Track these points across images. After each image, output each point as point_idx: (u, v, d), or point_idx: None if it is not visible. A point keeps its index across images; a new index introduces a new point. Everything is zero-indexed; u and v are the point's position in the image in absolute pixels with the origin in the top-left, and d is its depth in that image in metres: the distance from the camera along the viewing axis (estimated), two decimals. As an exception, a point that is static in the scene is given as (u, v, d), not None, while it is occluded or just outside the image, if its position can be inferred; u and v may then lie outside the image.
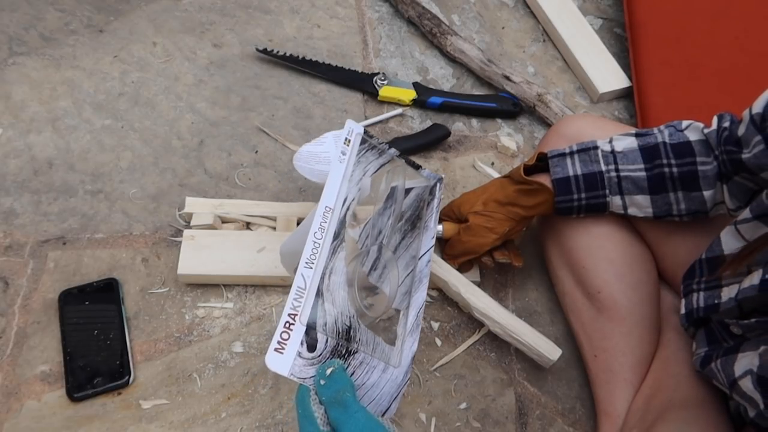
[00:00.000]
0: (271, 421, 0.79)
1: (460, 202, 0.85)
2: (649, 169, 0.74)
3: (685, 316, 0.72)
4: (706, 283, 0.69)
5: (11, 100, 1.00)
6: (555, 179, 0.77)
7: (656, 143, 0.73)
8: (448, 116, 1.12)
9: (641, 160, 0.74)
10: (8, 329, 0.81)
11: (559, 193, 0.77)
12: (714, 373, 0.66)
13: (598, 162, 0.75)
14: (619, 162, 0.75)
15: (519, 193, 0.79)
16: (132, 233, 0.91)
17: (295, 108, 1.08)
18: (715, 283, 0.67)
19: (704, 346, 0.70)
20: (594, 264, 0.80)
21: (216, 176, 0.98)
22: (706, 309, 0.68)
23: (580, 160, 0.76)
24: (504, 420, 0.83)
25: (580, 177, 0.76)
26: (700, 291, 0.70)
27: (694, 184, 0.72)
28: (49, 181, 0.94)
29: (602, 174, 0.75)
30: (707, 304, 0.68)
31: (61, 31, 1.09)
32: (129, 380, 0.79)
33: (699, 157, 0.71)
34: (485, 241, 0.81)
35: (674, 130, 0.74)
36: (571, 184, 0.76)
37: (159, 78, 1.07)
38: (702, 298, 0.69)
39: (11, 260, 0.86)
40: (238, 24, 1.16)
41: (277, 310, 0.88)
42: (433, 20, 1.18)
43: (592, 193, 0.76)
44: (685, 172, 0.71)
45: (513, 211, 0.80)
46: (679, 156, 0.72)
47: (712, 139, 0.71)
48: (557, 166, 0.77)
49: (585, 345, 0.82)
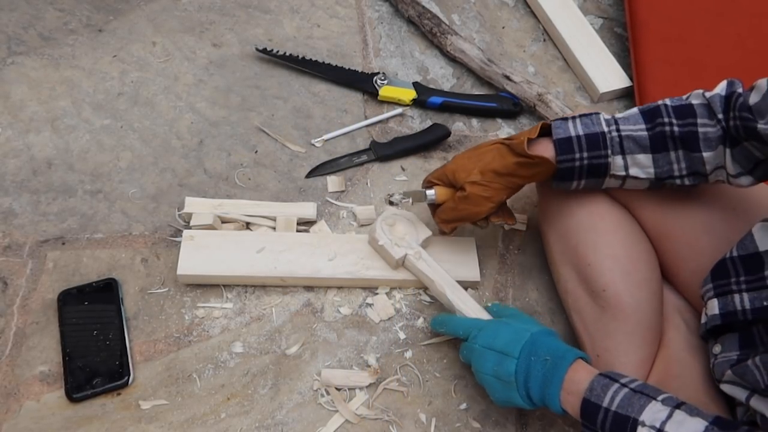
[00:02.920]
0: (270, 421, 0.79)
1: (454, 168, 0.81)
2: (650, 129, 0.73)
3: (721, 316, 0.68)
4: (748, 283, 0.66)
5: (10, 100, 1.00)
6: (557, 139, 0.76)
7: (657, 105, 0.74)
8: (448, 116, 1.12)
9: (642, 120, 0.74)
10: (7, 329, 0.81)
11: (560, 152, 0.76)
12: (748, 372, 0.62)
13: (600, 124, 0.75)
14: (621, 123, 0.75)
15: (518, 166, 0.77)
16: (131, 233, 0.91)
17: (295, 108, 1.08)
18: (760, 283, 0.64)
19: (735, 350, 0.68)
20: (599, 261, 0.79)
21: (216, 176, 0.98)
22: (755, 311, 0.64)
23: (581, 123, 0.76)
24: (504, 421, 0.83)
25: (582, 137, 0.75)
26: (742, 292, 0.66)
27: (694, 144, 0.71)
28: (48, 181, 0.93)
29: (604, 134, 0.74)
30: (755, 306, 0.64)
31: (60, 30, 1.09)
32: (128, 381, 0.79)
33: (700, 119, 0.70)
34: (482, 209, 0.80)
35: (676, 99, 0.74)
36: (573, 144, 0.75)
37: (158, 78, 1.07)
38: (747, 299, 0.66)
39: (10, 260, 0.86)
40: (238, 24, 1.16)
41: (276, 311, 0.87)
42: (433, 20, 1.18)
43: (593, 152, 0.75)
44: (686, 132, 0.71)
45: (511, 181, 0.79)
46: (680, 116, 0.71)
47: (715, 102, 0.70)
48: (559, 128, 0.76)
49: (587, 344, 0.82)
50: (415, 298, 0.90)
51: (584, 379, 0.66)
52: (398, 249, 0.86)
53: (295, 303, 0.88)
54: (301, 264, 0.87)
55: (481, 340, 0.74)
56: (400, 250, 0.86)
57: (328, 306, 0.89)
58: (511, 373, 0.69)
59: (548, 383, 0.67)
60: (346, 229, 0.95)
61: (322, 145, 1.04)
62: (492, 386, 0.72)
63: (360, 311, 0.89)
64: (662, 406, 0.60)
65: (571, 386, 0.66)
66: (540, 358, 0.69)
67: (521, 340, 0.71)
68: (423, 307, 0.90)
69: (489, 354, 0.72)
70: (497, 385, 0.71)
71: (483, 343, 0.73)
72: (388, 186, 1.01)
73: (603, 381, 0.64)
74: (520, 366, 0.69)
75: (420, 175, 1.03)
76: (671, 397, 0.62)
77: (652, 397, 0.61)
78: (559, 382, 0.66)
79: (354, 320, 0.88)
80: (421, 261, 0.86)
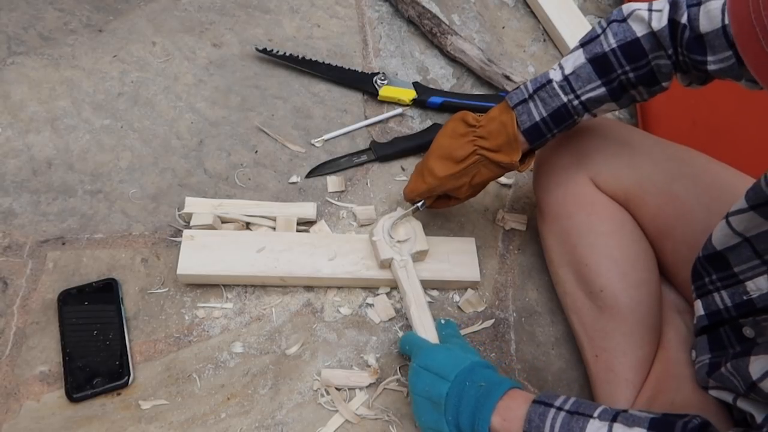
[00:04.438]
0: (270, 421, 0.79)
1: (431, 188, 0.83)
2: (607, 83, 0.71)
3: (707, 317, 0.68)
4: (722, 280, 0.66)
5: (10, 100, 1.00)
6: (524, 130, 0.75)
7: (604, 52, 0.70)
8: (448, 116, 1.11)
9: (596, 75, 0.71)
10: (7, 330, 0.81)
11: (533, 140, 0.76)
12: (725, 379, 0.63)
13: (558, 95, 0.73)
14: (575, 86, 0.72)
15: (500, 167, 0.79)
16: (131, 233, 0.91)
17: (295, 108, 1.08)
18: (733, 279, 0.64)
19: (706, 353, 0.69)
20: (597, 262, 0.79)
21: (216, 176, 0.98)
22: (737, 307, 0.64)
23: (540, 99, 0.74)
24: (504, 420, 0.83)
25: (546, 119, 0.74)
26: (719, 290, 0.66)
27: (652, 80, 0.70)
28: (48, 181, 0.93)
29: (565, 106, 0.73)
30: (736, 302, 0.64)
31: (60, 30, 1.09)
32: (128, 381, 0.79)
33: (651, 54, 0.68)
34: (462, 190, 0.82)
35: (617, 26, 0.69)
36: (541, 128, 0.75)
37: (158, 78, 1.06)
38: (726, 296, 0.65)
39: (10, 260, 0.86)
40: (238, 23, 1.16)
41: (276, 311, 0.87)
42: (433, 20, 1.18)
43: (563, 124, 0.75)
44: (642, 74, 0.70)
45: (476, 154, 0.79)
46: (631, 60, 0.69)
47: (664, 36, 0.66)
48: (523, 114, 0.75)
49: (586, 345, 0.82)
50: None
51: (520, 406, 0.64)
52: (388, 250, 0.86)
53: (295, 303, 0.88)
54: (301, 264, 0.87)
55: (419, 360, 0.72)
56: (389, 252, 0.86)
57: (328, 306, 0.89)
58: (442, 395, 0.67)
59: (481, 406, 0.64)
60: (346, 229, 0.95)
61: (322, 145, 1.04)
62: (421, 407, 0.70)
63: (360, 311, 0.89)
64: (600, 423, 0.59)
65: (506, 412, 0.64)
66: (475, 384, 0.67)
67: (459, 365, 0.69)
68: (423, 307, 0.90)
69: (424, 374, 0.70)
70: (426, 406, 0.69)
71: (421, 363, 0.71)
72: (388, 186, 1.01)
73: (539, 409, 0.62)
74: (452, 389, 0.67)
75: (420, 175, 1.03)
76: (606, 410, 0.61)
77: (588, 415, 0.60)
78: (492, 405, 0.64)
79: (354, 320, 0.88)
80: (402, 270, 0.85)
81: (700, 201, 0.77)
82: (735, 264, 0.64)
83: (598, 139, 0.83)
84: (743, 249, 0.62)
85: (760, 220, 0.60)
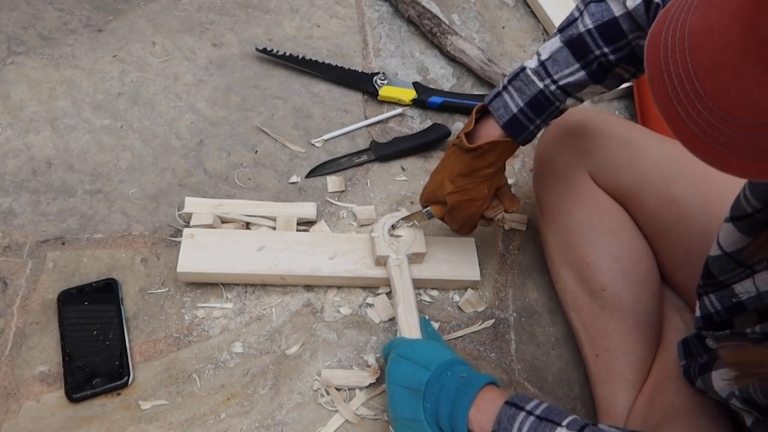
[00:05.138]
0: (270, 421, 0.79)
1: (433, 188, 0.81)
2: (585, 66, 0.68)
3: (701, 318, 0.68)
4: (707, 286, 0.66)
5: (10, 100, 1.00)
6: (503, 124, 0.72)
7: (580, 33, 0.67)
8: (448, 116, 1.12)
9: (573, 59, 0.68)
10: (7, 330, 0.81)
11: (514, 134, 0.73)
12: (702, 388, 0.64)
13: (533, 82, 0.70)
14: (552, 71, 0.69)
15: (475, 159, 0.75)
16: (131, 233, 0.91)
17: (295, 108, 1.08)
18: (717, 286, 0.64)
19: (683, 359, 0.69)
20: (599, 260, 0.79)
21: (215, 176, 0.98)
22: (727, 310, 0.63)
23: (515, 89, 0.71)
24: (504, 420, 0.83)
25: (524, 108, 0.71)
26: (709, 294, 0.66)
27: (635, 59, 0.67)
28: (48, 181, 0.93)
29: (542, 92, 0.69)
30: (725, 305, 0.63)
31: (60, 30, 1.09)
32: (128, 381, 0.78)
33: (631, 34, 0.65)
34: (473, 210, 0.78)
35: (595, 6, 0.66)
36: (521, 120, 0.72)
37: (158, 78, 1.06)
38: (715, 299, 0.65)
39: (10, 260, 0.86)
40: (238, 23, 1.16)
41: (276, 311, 0.87)
42: (433, 20, 1.18)
43: (544, 113, 0.72)
44: (623, 55, 0.66)
45: (480, 174, 0.76)
46: (609, 41, 0.65)
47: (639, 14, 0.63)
48: (499, 109, 0.72)
49: (586, 344, 0.82)
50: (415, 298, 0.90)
51: (495, 399, 0.64)
52: (385, 247, 0.86)
53: (295, 303, 0.88)
54: (302, 262, 0.87)
55: (400, 350, 0.72)
56: (386, 249, 0.86)
57: (328, 306, 0.89)
58: (422, 383, 0.67)
59: (462, 394, 0.64)
60: (346, 229, 0.95)
61: (322, 145, 1.04)
62: (398, 397, 0.69)
63: (360, 311, 0.89)
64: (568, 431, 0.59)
65: (482, 404, 0.64)
66: (456, 375, 0.67)
67: (441, 357, 0.69)
68: (423, 308, 0.90)
69: (404, 363, 0.70)
70: (404, 395, 0.68)
71: (401, 353, 0.71)
72: (388, 186, 1.01)
73: (509, 411, 0.62)
74: (433, 378, 0.67)
75: (420, 175, 1.03)
76: (575, 419, 0.61)
77: (557, 423, 0.60)
78: (473, 394, 0.64)
79: (354, 320, 0.88)
80: (396, 269, 0.85)
81: (698, 203, 0.77)
82: (718, 274, 0.63)
83: (598, 136, 0.82)
84: (724, 262, 0.61)
85: (737, 234, 0.59)
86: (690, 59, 0.40)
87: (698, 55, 0.40)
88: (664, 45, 0.42)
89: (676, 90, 0.41)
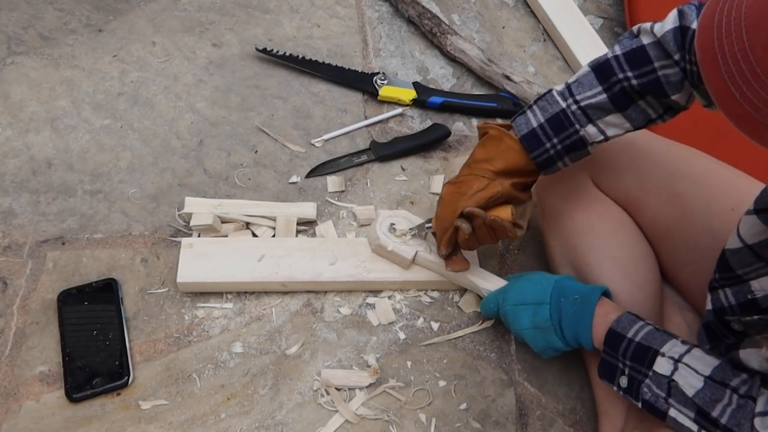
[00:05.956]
0: (270, 421, 0.79)
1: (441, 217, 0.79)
2: (607, 89, 0.69)
3: (713, 312, 0.68)
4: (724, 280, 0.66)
5: (10, 100, 1.00)
6: (521, 137, 0.73)
7: (607, 59, 0.69)
8: (448, 116, 1.12)
9: (597, 82, 0.69)
10: (7, 330, 0.81)
11: (530, 148, 0.74)
12: None
13: (556, 102, 0.71)
14: (576, 92, 0.70)
15: (478, 148, 0.76)
16: (131, 233, 0.91)
17: (295, 108, 1.08)
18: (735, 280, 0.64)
19: (705, 344, 0.69)
20: (598, 262, 0.79)
21: (215, 176, 0.98)
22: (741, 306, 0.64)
23: (539, 107, 0.73)
24: (504, 420, 0.83)
25: (544, 124, 0.72)
26: (724, 287, 0.66)
27: (659, 91, 0.67)
28: (48, 181, 0.93)
29: (564, 111, 0.71)
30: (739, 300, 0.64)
31: (60, 30, 1.09)
32: (128, 381, 0.78)
33: (657, 62, 0.66)
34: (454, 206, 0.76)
35: (627, 38, 0.68)
36: (539, 135, 0.72)
37: (158, 78, 1.06)
38: (730, 294, 0.65)
39: (10, 260, 0.86)
40: (238, 23, 1.16)
41: (276, 311, 0.87)
42: (433, 20, 1.18)
43: (563, 134, 0.72)
44: (646, 82, 0.67)
45: (478, 168, 0.76)
46: (635, 66, 0.67)
47: (668, 42, 0.64)
48: (520, 124, 0.74)
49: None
50: (415, 298, 0.90)
51: (612, 313, 0.70)
52: (408, 249, 0.86)
53: (295, 303, 0.88)
54: (302, 269, 0.86)
55: (510, 299, 0.77)
56: (411, 249, 0.86)
57: (328, 306, 0.89)
58: (547, 318, 0.74)
59: (580, 319, 0.71)
60: (346, 229, 0.95)
61: (322, 145, 1.04)
62: (533, 338, 0.76)
63: (360, 311, 0.89)
64: (682, 344, 0.65)
65: (599, 320, 0.70)
66: (569, 299, 0.73)
67: (548, 286, 0.75)
68: (423, 308, 0.90)
69: (522, 309, 0.76)
70: (537, 334, 0.75)
71: (513, 302, 0.77)
72: (388, 186, 1.01)
73: (630, 317, 0.69)
74: (553, 309, 0.74)
75: (420, 175, 1.03)
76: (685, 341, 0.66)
77: (673, 336, 0.66)
78: (590, 316, 0.70)
79: (354, 320, 0.88)
80: (432, 254, 0.86)
81: (702, 201, 0.77)
82: (736, 267, 0.63)
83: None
84: (744, 254, 0.62)
85: (761, 226, 0.60)
86: (747, 38, 0.40)
87: (756, 34, 0.39)
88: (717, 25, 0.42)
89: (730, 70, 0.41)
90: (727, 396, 0.59)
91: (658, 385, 0.63)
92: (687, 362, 0.62)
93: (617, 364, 0.67)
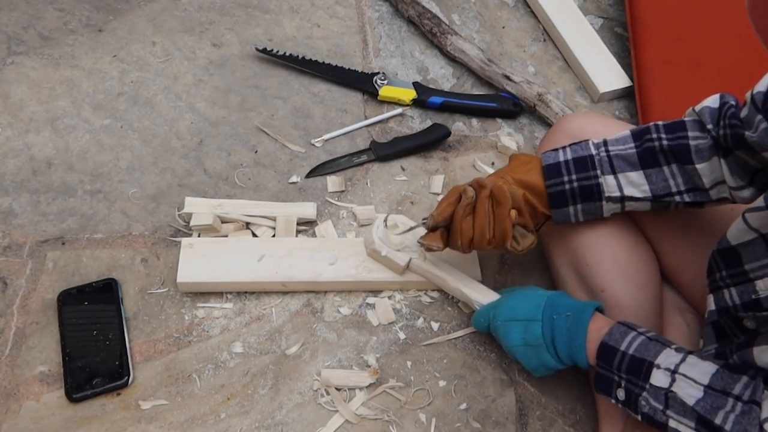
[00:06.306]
0: (270, 421, 0.79)
1: None
2: (638, 146, 0.73)
3: (717, 312, 0.69)
4: (731, 277, 0.66)
5: (10, 100, 1.00)
6: (545, 165, 0.76)
7: (648, 126, 0.74)
8: (448, 116, 1.12)
9: (631, 140, 0.74)
10: (7, 330, 0.81)
11: (548, 176, 0.76)
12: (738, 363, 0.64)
13: (588, 148, 0.76)
14: (610, 145, 0.75)
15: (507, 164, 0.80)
16: (131, 233, 0.91)
17: (295, 108, 1.08)
18: (743, 277, 0.65)
19: (713, 343, 0.69)
20: (598, 263, 0.79)
21: (215, 176, 0.98)
22: (745, 306, 0.64)
23: (571, 149, 0.77)
24: (504, 420, 0.83)
25: (570, 161, 0.75)
26: (729, 287, 0.66)
27: (686, 156, 0.70)
28: (48, 181, 0.93)
29: (592, 156, 0.75)
30: (744, 300, 0.64)
31: (60, 30, 1.09)
32: (128, 381, 0.78)
33: (690, 132, 0.70)
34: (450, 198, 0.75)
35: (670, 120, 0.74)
36: (561, 168, 0.75)
37: (158, 78, 1.06)
38: (735, 294, 0.66)
39: (10, 260, 0.86)
40: (238, 23, 1.16)
41: (276, 311, 0.87)
42: (433, 20, 1.18)
43: (583, 174, 0.75)
44: (676, 145, 0.71)
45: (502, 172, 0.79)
46: (669, 131, 0.72)
47: (704, 114, 0.70)
48: (548, 156, 0.77)
49: (587, 345, 0.82)
50: (415, 298, 0.90)
51: (603, 327, 0.69)
52: (402, 255, 0.86)
53: (295, 303, 0.88)
54: (302, 269, 0.86)
55: (501, 315, 0.76)
56: (404, 256, 0.86)
57: (328, 306, 0.89)
58: (539, 336, 0.72)
59: (574, 336, 0.70)
60: (346, 229, 0.95)
61: (322, 145, 1.04)
62: (524, 355, 0.74)
63: (360, 311, 0.89)
64: (676, 353, 0.63)
65: (592, 336, 0.69)
66: (561, 315, 0.71)
67: (540, 303, 0.74)
68: (423, 308, 0.90)
69: (513, 325, 0.74)
70: (529, 352, 0.74)
71: (504, 317, 0.76)
72: (388, 186, 1.01)
73: (621, 328, 0.68)
74: (545, 326, 0.72)
75: (420, 175, 1.03)
76: (683, 347, 0.65)
77: (666, 345, 0.65)
78: (584, 333, 0.69)
79: (354, 320, 0.88)
80: (426, 262, 0.86)
81: None
82: (747, 261, 0.63)
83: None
84: (757, 245, 0.62)
85: None
86: None
87: None
88: None
89: None
90: (729, 403, 0.58)
91: (655, 397, 0.62)
92: (684, 372, 0.61)
93: (613, 377, 0.67)
